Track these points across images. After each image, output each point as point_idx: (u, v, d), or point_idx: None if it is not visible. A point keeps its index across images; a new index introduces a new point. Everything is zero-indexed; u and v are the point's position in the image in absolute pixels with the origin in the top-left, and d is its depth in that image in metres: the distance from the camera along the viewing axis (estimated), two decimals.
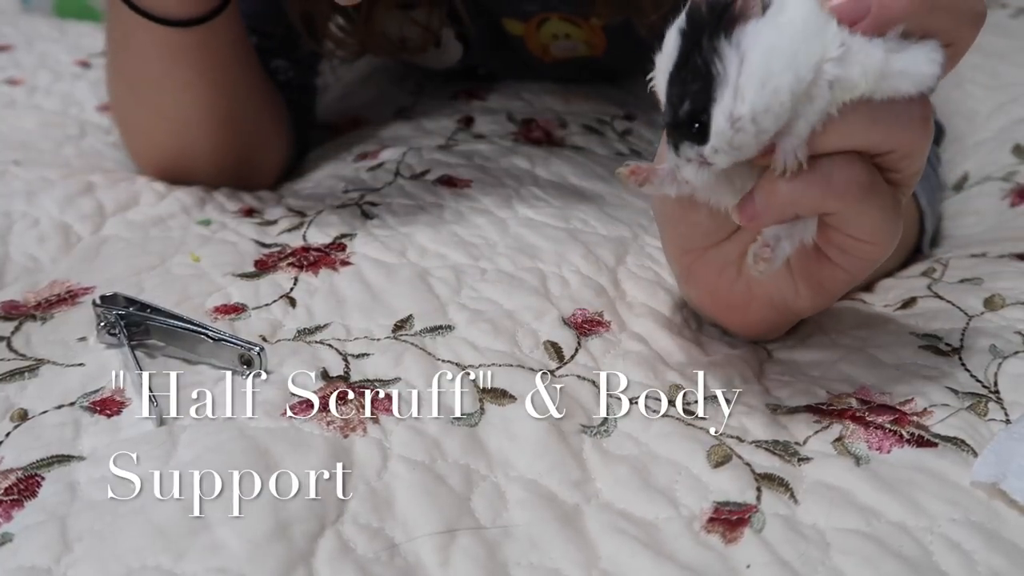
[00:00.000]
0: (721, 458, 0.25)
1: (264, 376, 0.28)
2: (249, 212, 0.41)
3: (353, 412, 0.26)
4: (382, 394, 0.27)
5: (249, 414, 0.26)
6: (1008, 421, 0.26)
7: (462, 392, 0.27)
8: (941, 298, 0.34)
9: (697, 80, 0.22)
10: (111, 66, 0.43)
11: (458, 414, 0.26)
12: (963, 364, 0.29)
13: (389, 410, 0.26)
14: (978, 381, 0.28)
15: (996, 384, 0.28)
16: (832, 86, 0.21)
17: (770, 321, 0.30)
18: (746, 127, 0.21)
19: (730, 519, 0.23)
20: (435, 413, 0.26)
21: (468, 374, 0.28)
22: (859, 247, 0.25)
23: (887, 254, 0.25)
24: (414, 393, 0.27)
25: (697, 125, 0.22)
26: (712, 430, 0.26)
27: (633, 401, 0.28)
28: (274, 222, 0.40)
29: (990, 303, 0.33)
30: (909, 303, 0.34)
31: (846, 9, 0.21)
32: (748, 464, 0.25)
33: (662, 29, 0.23)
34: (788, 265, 0.26)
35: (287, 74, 0.49)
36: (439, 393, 0.27)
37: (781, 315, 0.30)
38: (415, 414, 0.26)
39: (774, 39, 0.21)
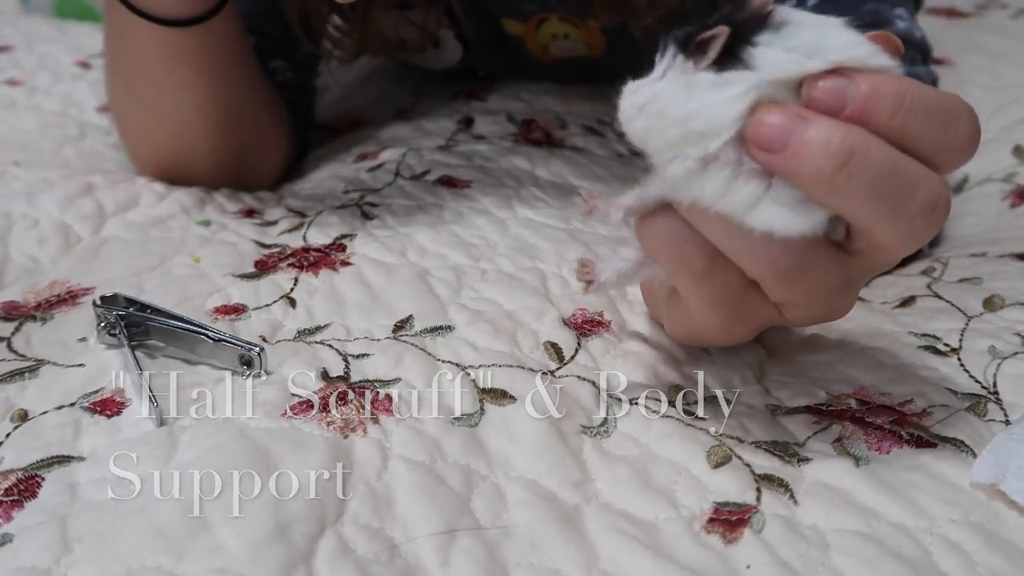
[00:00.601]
0: (721, 458, 0.25)
1: (264, 376, 0.28)
2: (249, 213, 0.41)
3: (353, 412, 0.26)
4: (382, 394, 0.27)
5: (249, 415, 0.26)
6: (1007, 422, 0.26)
7: (462, 392, 0.27)
8: (940, 298, 0.34)
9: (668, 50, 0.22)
10: (109, 66, 0.43)
11: (458, 414, 0.26)
12: (962, 365, 0.29)
13: (389, 410, 0.26)
14: (977, 382, 0.28)
15: (995, 385, 0.28)
16: (702, 178, 0.20)
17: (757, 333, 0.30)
18: (636, 111, 0.22)
19: (730, 519, 0.23)
20: (435, 413, 0.26)
21: (468, 374, 0.28)
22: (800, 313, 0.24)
23: (740, 334, 0.25)
24: (414, 393, 0.27)
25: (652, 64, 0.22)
26: (712, 430, 0.26)
27: (633, 401, 0.28)
28: (274, 223, 0.40)
29: (989, 303, 0.33)
30: (908, 302, 0.34)
31: (758, 137, 0.19)
32: (748, 465, 0.25)
33: (658, 32, 0.23)
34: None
35: (286, 75, 0.49)
36: (439, 393, 0.27)
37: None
38: (415, 414, 0.26)
39: (687, 95, 0.20)
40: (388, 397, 0.27)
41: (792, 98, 0.20)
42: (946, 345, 0.30)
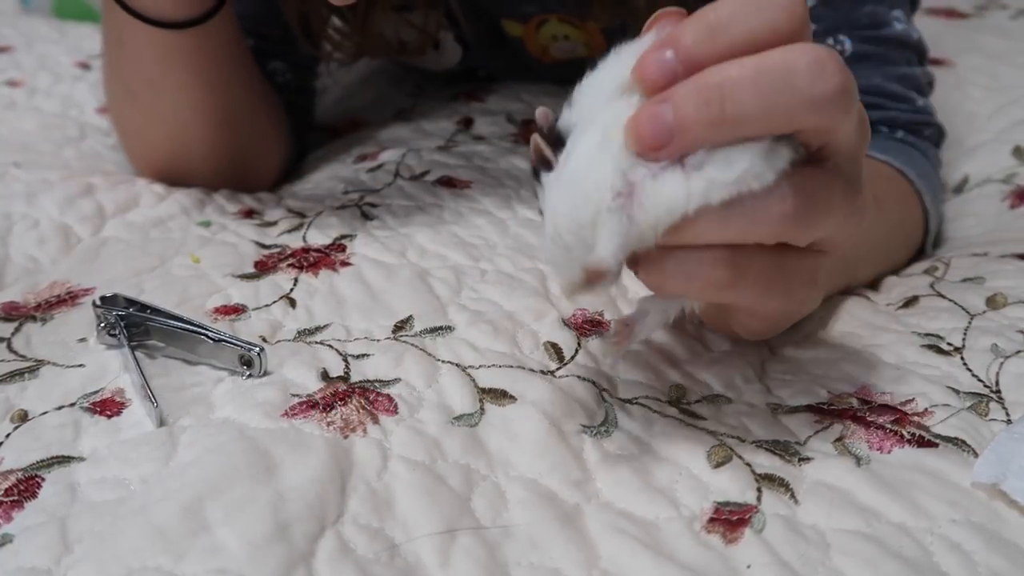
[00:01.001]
0: (722, 458, 0.25)
1: (264, 377, 0.28)
2: (249, 213, 0.41)
3: (353, 413, 0.26)
4: (382, 395, 0.27)
5: (249, 415, 0.26)
6: (1009, 421, 0.26)
7: (462, 392, 0.27)
8: (943, 297, 0.34)
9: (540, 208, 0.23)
10: (107, 68, 0.43)
11: (458, 414, 0.26)
12: (965, 364, 0.29)
13: (389, 411, 0.26)
14: (979, 381, 0.28)
15: (998, 384, 0.28)
16: (632, 220, 0.21)
17: (761, 331, 0.30)
18: (554, 244, 0.22)
19: (730, 519, 0.23)
20: (435, 413, 0.26)
21: (468, 374, 0.28)
22: (756, 318, 0.25)
23: (796, 316, 0.25)
24: (414, 393, 0.27)
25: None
26: (713, 430, 0.26)
27: (633, 401, 0.28)
28: (274, 223, 0.40)
29: (992, 302, 0.33)
30: (911, 302, 0.34)
31: (646, 143, 0.20)
32: (748, 464, 0.25)
33: None
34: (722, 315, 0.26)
35: (285, 76, 0.49)
36: (439, 393, 0.27)
37: (768, 325, 0.29)
38: (415, 414, 0.26)
39: (556, 189, 0.22)
40: (388, 397, 0.27)
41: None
42: (949, 344, 0.30)
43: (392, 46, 0.50)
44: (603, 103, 0.22)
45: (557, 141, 0.22)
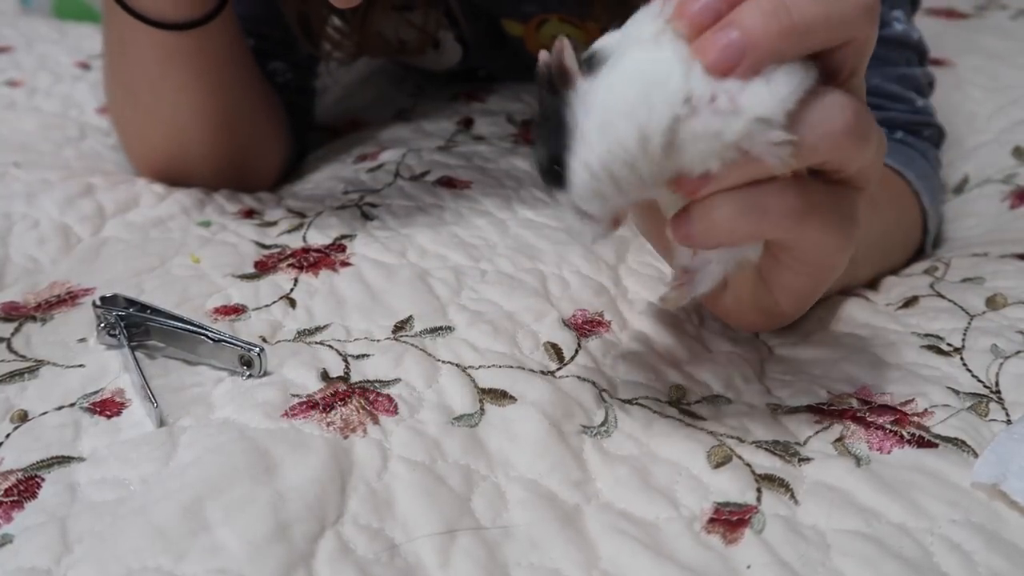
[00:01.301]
0: (721, 458, 0.25)
1: (264, 377, 0.28)
2: (249, 213, 0.41)
3: (353, 413, 0.26)
4: (382, 395, 0.27)
5: (249, 415, 0.26)
6: (1009, 421, 0.26)
7: (462, 392, 0.27)
8: (943, 297, 0.34)
9: (554, 130, 0.21)
10: (108, 69, 0.43)
11: (458, 414, 0.26)
12: (964, 364, 0.29)
13: (389, 411, 0.26)
14: (979, 381, 0.28)
15: (997, 384, 0.28)
16: (697, 138, 0.20)
17: (763, 323, 0.30)
18: (599, 175, 0.21)
19: (730, 520, 0.23)
20: (435, 414, 0.26)
21: (468, 375, 0.28)
22: (809, 262, 0.25)
23: (843, 262, 0.25)
24: (414, 394, 0.27)
25: (558, 169, 0.21)
26: (712, 430, 0.26)
27: (633, 401, 0.28)
28: (274, 223, 0.40)
29: (992, 302, 0.33)
30: (911, 302, 0.34)
31: (720, 64, 0.20)
32: (748, 464, 0.25)
33: None
34: (759, 276, 0.26)
35: (285, 76, 0.49)
36: (439, 393, 0.27)
37: (773, 318, 0.30)
38: (415, 415, 0.26)
39: (609, 93, 0.20)
40: (388, 397, 0.27)
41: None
42: (948, 345, 0.30)
43: (392, 46, 0.50)
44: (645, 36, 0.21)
45: (590, 62, 0.21)
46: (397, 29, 0.49)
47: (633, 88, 0.20)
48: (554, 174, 0.22)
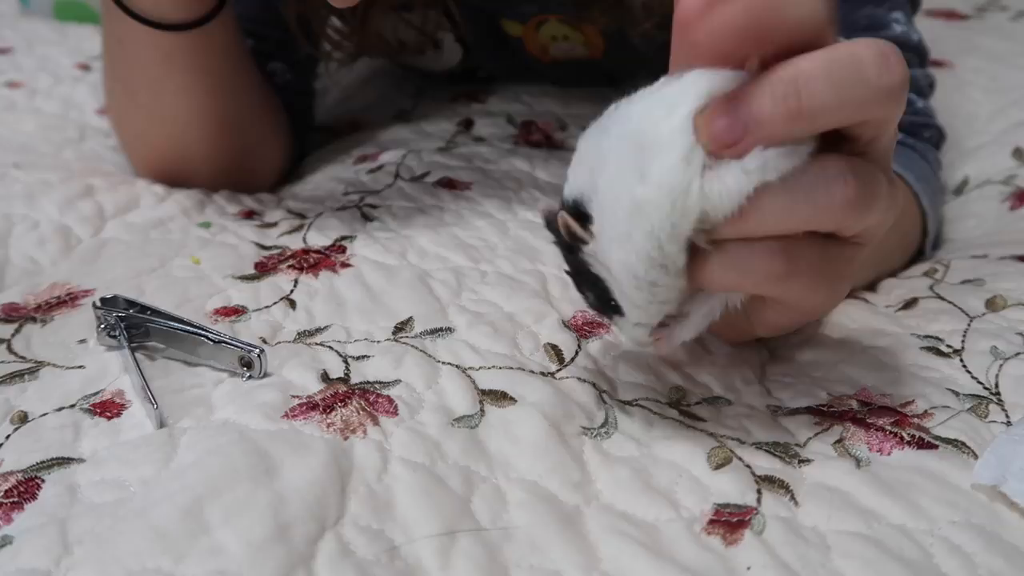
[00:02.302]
0: (722, 460, 0.25)
1: (264, 378, 0.28)
2: (249, 214, 0.41)
3: (353, 414, 0.26)
4: (382, 396, 0.27)
5: (249, 416, 0.26)
6: (1009, 423, 0.26)
7: (462, 394, 0.27)
8: (943, 299, 0.34)
9: (588, 280, 0.23)
10: (107, 69, 0.43)
11: (458, 415, 0.26)
12: (964, 366, 0.29)
13: (389, 412, 0.26)
14: (979, 383, 0.28)
15: (997, 386, 0.28)
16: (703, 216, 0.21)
17: (732, 338, 0.30)
18: (641, 299, 0.22)
19: (730, 521, 0.23)
20: (435, 415, 0.26)
21: (468, 376, 0.28)
22: (793, 310, 0.25)
23: (829, 310, 0.25)
24: (414, 395, 0.27)
25: (612, 304, 0.23)
26: (712, 432, 0.26)
27: (633, 403, 0.28)
28: (274, 224, 0.40)
29: (992, 304, 0.33)
30: (911, 304, 0.34)
31: (721, 139, 0.20)
32: (748, 466, 0.25)
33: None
34: (744, 312, 0.26)
35: (284, 77, 0.49)
36: (439, 395, 0.27)
37: (743, 336, 0.30)
38: (415, 416, 0.26)
39: (612, 245, 0.22)
40: (388, 399, 0.27)
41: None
42: (948, 346, 0.30)
43: (391, 46, 0.50)
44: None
45: (577, 215, 0.22)
46: (396, 29, 0.49)
47: (625, 223, 0.21)
48: (610, 308, 0.24)
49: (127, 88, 0.42)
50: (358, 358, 0.29)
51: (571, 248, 0.23)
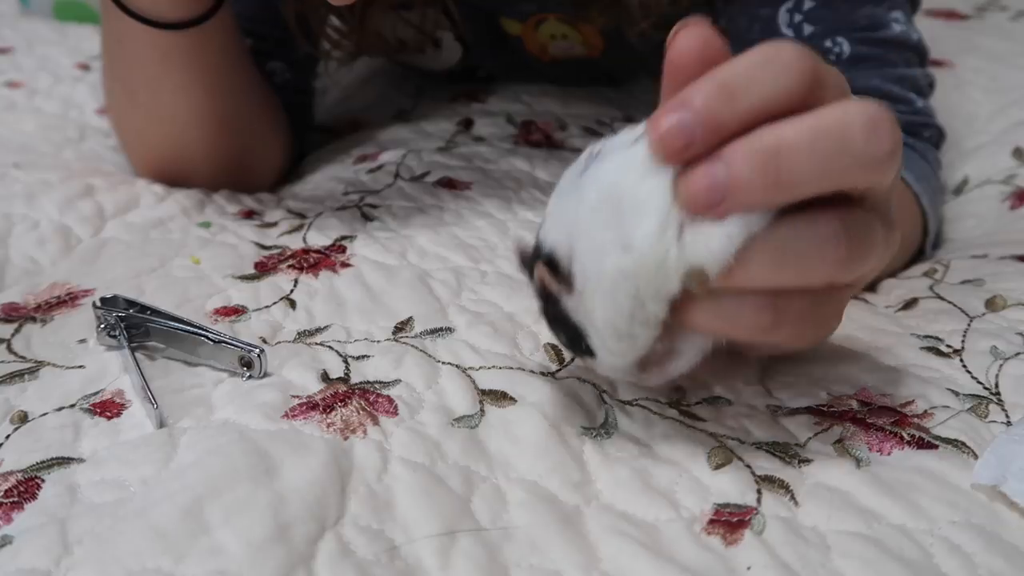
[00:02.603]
0: (722, 460, 0.25)
1: (264, 378, 0.28)
2: (249, 214, 0.41)
3: (353, 414, 0.26)
4: (382, 396, 0.27)
5: (249, 416, 0.26)
6: (1009, 423, 0.26)
7: (462, 394, 0.27)
8: (943, 299, 0.34)
9: (567, 330, 0.23)
10: (106, 69, 0.43)
11: (458, 415, 0.26)
12: (964, 366, 0.29)
13: (389, 412, 0.26)
14: (979, 383, 0.28)
15: (997, 386, 0.28)
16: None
17: (770, 354, 0.30)
18: (614, 343, 0.23)
19: (730, 521, 0.23)
20: (435, 415, 0.26)
21: (468, 376, 0.28)
22: (779, 349, 0.25)
23: (815, 345, 0.25)
24: (414, 395, 0.27)
25: (586, 347, 0.24)
26: (713, 432, 0.26)
27: (633, 403, 0.28)
28: (274, 224, 0.40)
29: (992, 304, 0.33)
30: (911, 304, 0.34)
31: (699, 202, 0.20)
32: (748, 466, 0.25)
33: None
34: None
35: (283, 76, 0.49)
36: (439, 395, 0.27)
37: (782, 352, 0.29)
38: (415, 416, 0.26)
39: (592, 299, 0.22)
40: (388, 399, 0.27)
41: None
42: (948, 346, 0.30)
43: (390, 45, 0.50)
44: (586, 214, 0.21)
45: (553, 266, 0.22)
46: (395, 28, 0.49)
47: (607, 285, 0.21)
48: (582, 350, 0.24)
49: (126, 87, 0.42)
50: (358, 358, 0.29)
51: (548, 298, 0.23)
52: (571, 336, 0.24)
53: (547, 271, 0.22)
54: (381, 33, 0.49)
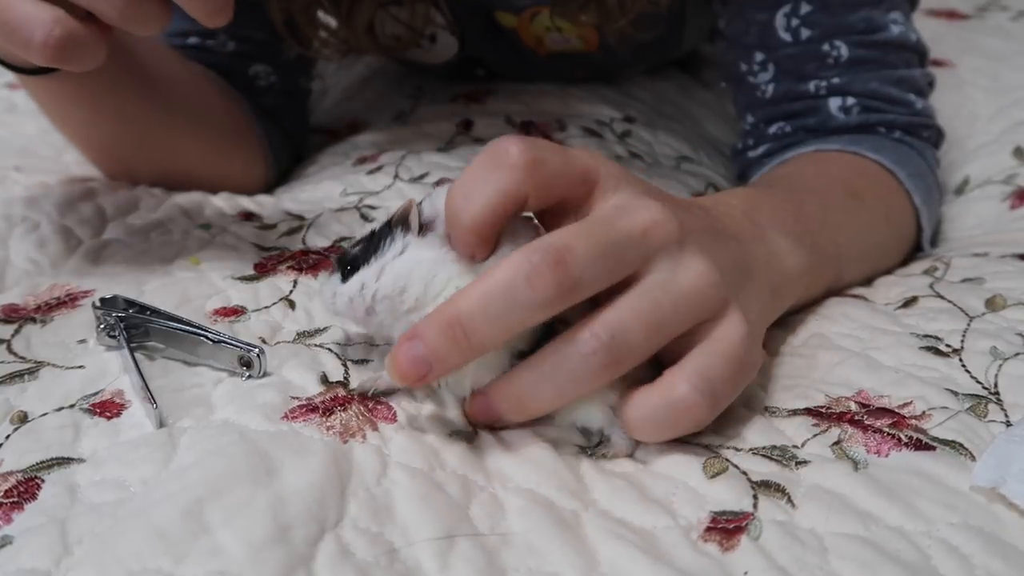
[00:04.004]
0: (718, 469, 0.25)
1: (264, 378, 0.28)
2: (248, 216, 0.41)
3: (353, 419, 0.26)
4: (382, 403, 0.27)
5: (249, 417, 0.26)
6: (1008, 423, 0.26)
7: (459, 406, 0.27)
8: (942, 298, 0.34)
9: (370, 245, 0.26)
10: None
11: (456, 429, 0.26)
12: (963, 365, 0.29)
13: (388, 418, 0.26)
14: (978, 383, 0.28)
15: (996, 386, 0.28)
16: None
17: None
18: (365, 299, 0.26)
19: (727, 528, 0.23)
20: (434, 424, 0.26)
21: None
22: None
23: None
24: (414, 403, 0.27)
25: (349, 269, 0.27)
26: (708, 442, 0.26)
27: None
28: (273, 226, 0.40)
29: (991, 303, 0.32)
30: (911, 302, 0.34)
31: (410, 378, 0.23)
32: (744, 473, 0.25)
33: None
34: None
35: (268, 79, 0.48)
36: (437, 405, 0.27)
37: None
38: (414, 424, 0.26)
39: (423, 258, 0.26)
40: (388, 406, 0.27)
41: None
42: (948, 346, 0.30)
43: (380, 42, 0.49)
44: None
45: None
46: (384, 25, 0.49)
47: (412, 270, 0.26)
48: (345, 272, 0.27)
49: (54, 123, 0.42)
50: (357, 362, 0.29)
51: (398, 227, 0.27)
52: (362, 252, 0.27)
53: (417, 212, 0.26)
54: (371, 30, 0.48)
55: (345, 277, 0.27)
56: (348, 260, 0.27)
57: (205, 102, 0.45)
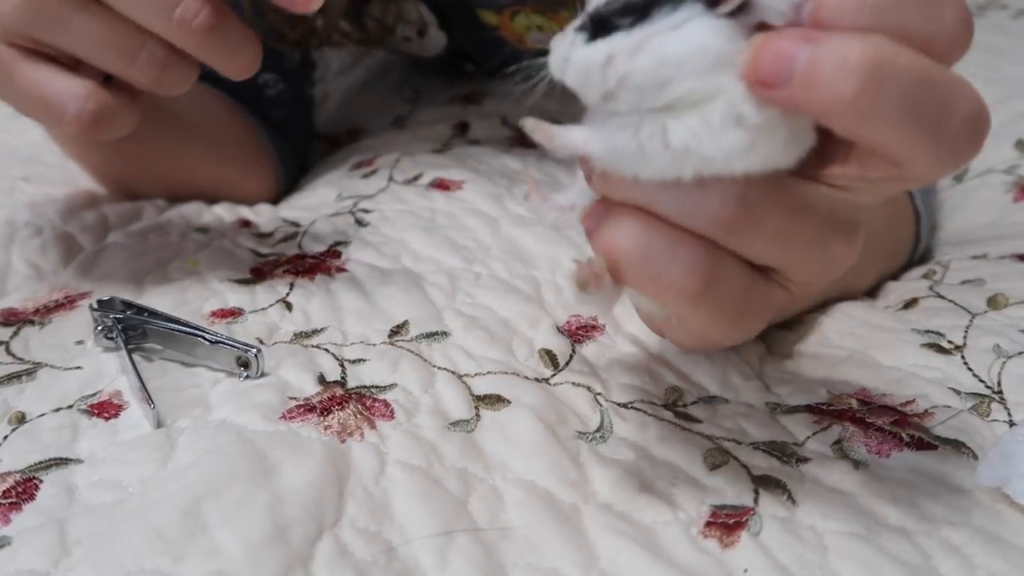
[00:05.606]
0: (718, 461, 0.25)
1: (261, 378, 0.28)
2: (246, 224, 0.41)
3: (350, 417, 0.26)
4: (379, 400, 0.27)
5: (247, 417, 0.26)
6: (1011, 422, 0.26)
7: (457, 399, 0.27)
8: (943, 297, 0.33)
9: (634, 10, 0.19)
10: None
11: (454, 419, 0.26)
12: (966, 363, 0.29)
13: (386, 416, 0.26)
14: (981, 381, 0.28)
15: (999, 384, 0.28)
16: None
17: (686, 345, 0.28)
18: (608, 79, 0.19)
19: (727, 523, 0.23)
20: (431, 419, 0.26)
21: (464, 382, 0.28)
22: (694, 333, 0.23)
23: (732, 343, 0.23)
24: (411, 399, 0.27)
25: (596, 27, 0.19)
26: (709, 433, 0.26)
27: (628, 406, 0.27)
28: (270, 234, 0.40)
29: (993, 302, 0.32)
30: (911, 303, 0.34)
31: (762, 71, 0.16)
32: (745, 466, 0.25)
33: None
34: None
35: (276, 88, 0.48)
36: (435, 399, 0.27)
37: (707, 344, 0.27)
38: (412, 419, 0.26)
39: (704, 41, 0.18)
40: (385, 403, 0.27)
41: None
42: (950, 342, 0.30)
43: (351, 37, 0.49)
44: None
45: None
46: (360, 17, 0.49)
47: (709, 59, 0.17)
48: (595, 30, 0.19)
49: (65, 153, 0.43)
50: (354, 361, 0.29)
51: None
52: (625, 10, 0.19)
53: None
54: (339, 25, 0.47)
55: (592, 37, 0.19)
56: (602, 16, 0.19)
57: (217, 129, 0.45)
